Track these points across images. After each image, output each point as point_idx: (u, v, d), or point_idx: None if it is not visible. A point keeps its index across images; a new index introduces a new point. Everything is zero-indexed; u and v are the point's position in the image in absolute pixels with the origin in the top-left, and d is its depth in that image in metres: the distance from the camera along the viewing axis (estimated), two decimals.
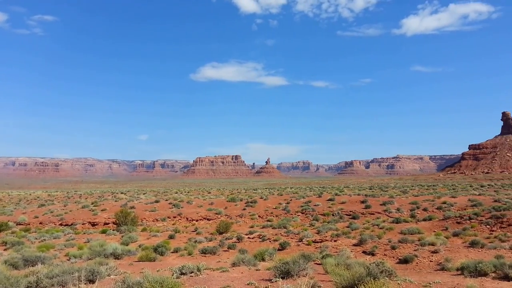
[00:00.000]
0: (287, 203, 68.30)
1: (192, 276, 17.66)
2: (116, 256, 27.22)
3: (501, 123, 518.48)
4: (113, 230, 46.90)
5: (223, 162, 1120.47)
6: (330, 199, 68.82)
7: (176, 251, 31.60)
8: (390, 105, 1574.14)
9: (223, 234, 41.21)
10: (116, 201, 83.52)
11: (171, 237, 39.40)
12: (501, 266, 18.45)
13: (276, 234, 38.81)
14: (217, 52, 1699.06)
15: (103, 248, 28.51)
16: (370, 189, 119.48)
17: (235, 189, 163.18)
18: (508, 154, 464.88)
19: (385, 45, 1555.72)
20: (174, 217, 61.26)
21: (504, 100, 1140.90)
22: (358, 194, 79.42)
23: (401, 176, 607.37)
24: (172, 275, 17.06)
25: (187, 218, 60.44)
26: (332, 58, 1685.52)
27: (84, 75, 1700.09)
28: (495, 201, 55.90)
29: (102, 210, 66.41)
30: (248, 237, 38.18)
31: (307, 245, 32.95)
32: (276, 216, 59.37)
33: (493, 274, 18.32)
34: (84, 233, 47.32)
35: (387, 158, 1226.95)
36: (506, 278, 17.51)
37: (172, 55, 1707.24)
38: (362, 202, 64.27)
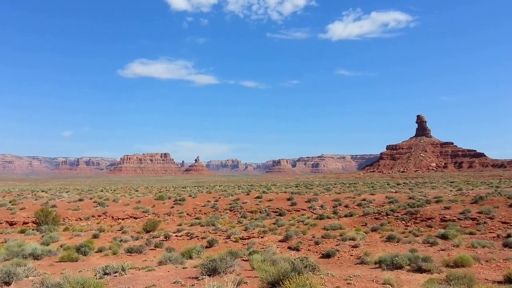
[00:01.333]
0: (216, 201, 68.20)
1: (116, 276, 16.96)
2: (36, 257, 25.79)
3: (416, 125, 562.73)
4: (33, 229, 44.19)
5: (151, 160, 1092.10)
6: (258, 197, 69.88)
7: (100, 250, 30.33)
8: (316, 106, 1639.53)
9: (150, 233, 40.16)
10: (36, 199, 77.67)
11: (95, 236, 37.84)
12: (415, 259, 19.92)
13: (204, 232, 38.58)
14: (146, 49, 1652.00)
15: (21, 249, 26.92)
16: (296, 187, 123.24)
17: (164, 187, 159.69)
18: (421, 154, 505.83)
19: (312, 49, 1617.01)
20: (99, 216, 58.57)
21: (419, 104, 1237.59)
22: (285, 192, 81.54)
23: (325, 174, 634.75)
24: (95, 275, 16.32)
25: (112, 217, 58.09)
26: (262, 59, 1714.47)
27: (3, 71, 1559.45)
28: (410, 198, 60.33)
29: (21, 209, 61.56)
30: (176, 235, 37.56)
31: (234, 242, 33.15)
32: (204, 213, 59.04)
33: (408, 267, 19.68)
34: (1, 233, 43.88)
35: (313, 157, 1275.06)
36: (419, 270, 18.93)
37: (99, 51, 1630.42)
38: (289, 199, 66.08)
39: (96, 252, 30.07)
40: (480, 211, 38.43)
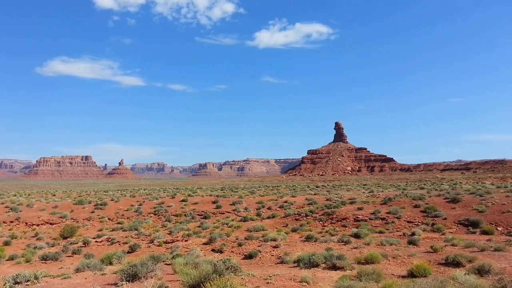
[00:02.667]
0: (140, 205, 66.23)
1: (28, 285, 16.00)
2: None
3: (334, 131, 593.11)
4: None
5: (71, 163, 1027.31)
6: (183, 200, 69.13)
7: (11, 258, 28.21)
8: (243, 111, 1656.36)
9: (68, 239, 38.07)
10: None
11: (6, 243, 35.16)
12: (330, 257, 21.20)
13: (126, 237, 37.44)
14: (68, 47, 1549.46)
15: None
16: (221, 190, 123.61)
17: (84, 191, 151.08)
18: (338, 159, 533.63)
19: (239, 55, 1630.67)
20: (11, 221, 53.96)
21: (337, 111, 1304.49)
22: (210, 195, 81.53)
23: (250, 178, 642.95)
24: (4, 285, 15.28)
25: (26, 223, 53.81)
26: (190, 62, 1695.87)
27: None
28: (327, 199, 63.47)
29: None
30: (96, 241, 36.01)
31: (158, 246, 32.63)
32: (127, 218, 57.09)
33: (324, 265, 20.87)
34: None
35: (238, 161, 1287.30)
36: (334, 267, 20.20)
37: (16, 48, 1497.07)
38: (214, 202, 66.23)
39: (7, 260, 27.96)
40: (389, 211, 41.79)
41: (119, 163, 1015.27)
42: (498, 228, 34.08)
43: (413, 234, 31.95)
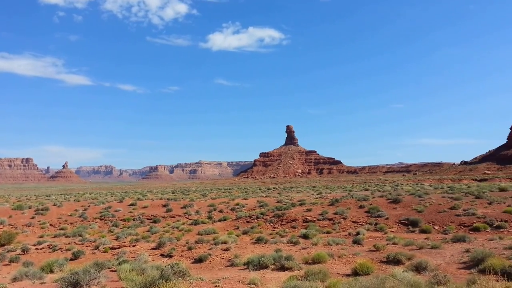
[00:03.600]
0: (85, 209, 63.63)
1: None
2: None
3: (286, 135, 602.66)
4: None
5: (10, 166, 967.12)
6: (131, 204, 67.27)
7: None
8: (195, 113, 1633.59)
9: (5, 246, 35.83)
10: None
11: None
12: (279, 258, 21.59)
13: (69, 243, 35.92)
14: (7, 42, 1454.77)
15: None
16: (173, 193, 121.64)
17: (24, 195, 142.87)
18: (290, 161, 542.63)
19: (192, 56, 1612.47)
20: None
21: (289, 114, 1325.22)
22: (161, 198, 79.98)
23: (202, 180, 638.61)
24: None
25: None
26: (141, 62, 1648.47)
27: None
28: (278, 202, 64.36)
29: None
30: (36, 248, 34.23)
31: (103, 252, 31.59)
32: (71, 223, 54.62)
33: (273, 266, 21.22)
34: None
35: (190, 164, 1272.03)
36: (282, 268, 20.57)
37: None
38: (164, 206, 65.03)
39: None
40: (336, 212, 43.16)
41: (63, 166, 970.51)
42: (435, 227, 36.23)
43: (358, 233, 33.20)
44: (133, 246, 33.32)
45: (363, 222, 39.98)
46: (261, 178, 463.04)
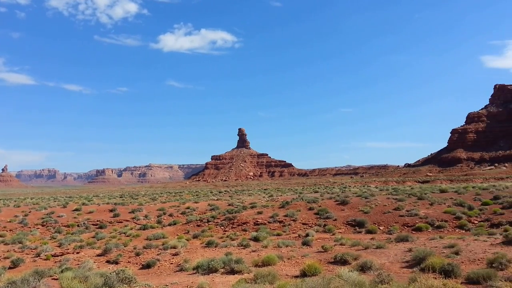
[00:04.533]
0: (25, 215, 60.06)
1: None
2: None
3: (238, 137, 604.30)
4: None
5: None
6: (76, 209, 64.40)
7: None
8: (145, 115, 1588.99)
9: None
10: None
11: None
12: (228, 262, 21.49)
13: (8, 251, 33.76)
14: None
15: None
16: (120, 197, 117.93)
17: None
18: (241, 164, 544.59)
19: (143, 57, 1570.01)
20: None
21: (241, 117, 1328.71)
22: (108, 203, 77.21)
23: (152, 184, 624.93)
24: None
25: None
26: (88, 62, 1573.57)
27: None
28: (229, 205, 64.16)
29: None
30: None
31: (45, 260, 29.98)
32: (10, 230, 51.30)
33: (222, 270, 21.07)
34: None
35: (140, 167, 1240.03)
36: (232, 272, 20.48)
37: None
38: (111, 210, 62.86)
39: None
40: (286, 214, 43.78)
41: (2, 170, 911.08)
42: (380, 227, 37.72)
43: (307, 235, 33.82)
44: (77, 253, 31.88)
45: (312, 223, 40.82)
46: (212, 181, 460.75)
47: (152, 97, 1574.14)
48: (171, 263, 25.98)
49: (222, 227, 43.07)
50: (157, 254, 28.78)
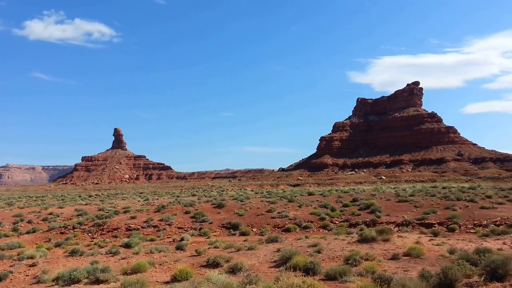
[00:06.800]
0: None
1: None
2: None
3: (113, 138, 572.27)
4: None
5: None
6: None
7: None
8: (3, 110, 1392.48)
9: None
10: None
11: None
12: (94, 271, 20.00)
13: None
14: None
15: None
16: None
17: None
18: (116, 166, 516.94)
19: (3, 43, 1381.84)
20: None
21: (117, 117, 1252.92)
22: None
23: (9, 187, 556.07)
24: None
25: None
26: None
27: None
28: (100, 209, 60.22)
29: None
30: None
31: None
32: None
33: (86, 280, 19.56)
34: None
35: None
36: (97, 281, 19.12)
37: None
38: None
39: None
40: (161, 219, 42.74)
41: None
42: (253, 229, 39.20)
43: (182, 239, 33.42)
44: None
45: (188, 227, 40.53)
46: (82, 184, 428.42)
47: (14, 90, 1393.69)
48: (27, 275, 23.32)
49: (89, 234, 40.16)
50: (10, 266, 25.56)
